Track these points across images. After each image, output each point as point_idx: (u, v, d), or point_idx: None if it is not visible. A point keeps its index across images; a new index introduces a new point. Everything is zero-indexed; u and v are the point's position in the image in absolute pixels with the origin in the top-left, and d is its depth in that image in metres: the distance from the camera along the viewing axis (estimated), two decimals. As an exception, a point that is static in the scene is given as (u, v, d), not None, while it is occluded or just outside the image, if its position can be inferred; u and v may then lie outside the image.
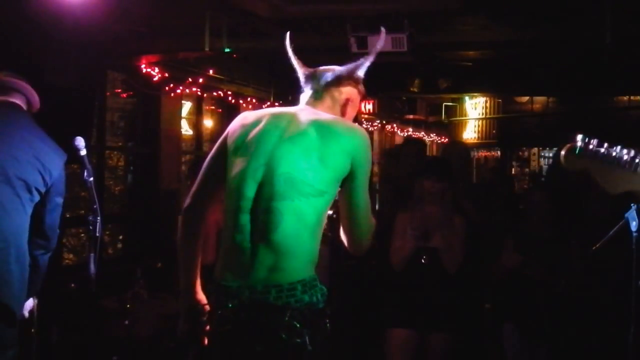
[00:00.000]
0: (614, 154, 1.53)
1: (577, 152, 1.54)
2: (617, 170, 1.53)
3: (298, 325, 2.02)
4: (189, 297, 2.33)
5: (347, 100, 2.36)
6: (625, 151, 1.54)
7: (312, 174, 2.09)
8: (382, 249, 4.03)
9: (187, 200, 2.34)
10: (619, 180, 1.54)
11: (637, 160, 1.53)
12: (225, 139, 2.29)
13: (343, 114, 2.34)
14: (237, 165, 2.19)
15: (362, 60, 2.39)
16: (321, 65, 2.42)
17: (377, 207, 6.84)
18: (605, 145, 1.54)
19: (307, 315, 2.05)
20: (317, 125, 2.17)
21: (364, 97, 2.50)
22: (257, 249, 2.08)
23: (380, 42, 2.50)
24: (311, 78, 2.37)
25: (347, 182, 2.17)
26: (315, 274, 2.13)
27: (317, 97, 2.34)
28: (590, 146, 1.54)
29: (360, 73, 2.40)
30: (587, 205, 4.26)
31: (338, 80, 2.35)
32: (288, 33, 2.46)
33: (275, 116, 2.25)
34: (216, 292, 2.17)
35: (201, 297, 2.33)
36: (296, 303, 2.04)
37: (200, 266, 2.35)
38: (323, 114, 2.25)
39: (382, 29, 2.62)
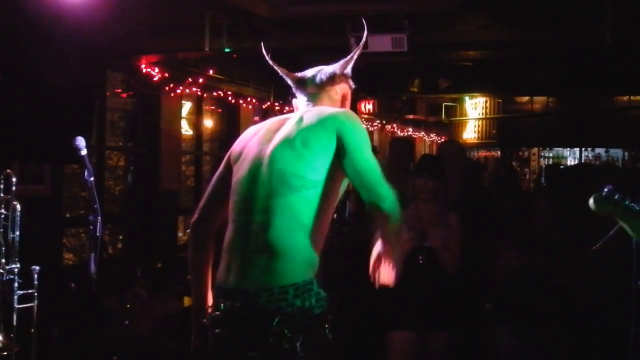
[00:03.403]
0: (636, 206, 1.85)
1: (602, 199, 1.89)
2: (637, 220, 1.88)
3: (286, 331, 1.95)
4: (200, 313, 2.26)
5: (343, 97, 2.38)
6: None
7: (300, 163, 2.07)
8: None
9: (195, 215, 2.34)
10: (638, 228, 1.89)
11: None
12: (230, 153, 2.32)
13: None
14: (238, 171, 2.21)
15: (349, 55, 2.40)
16: (317, 65, 2.42)
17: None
18: (629, 198, 1.86)
19: (299, 321, 1.98)
20: (302, 117, 2.20)
21: (352, 90, 2.48)
22: (251, 250, 2.05)
23: (364, 38, 2.59)
24: (303, 83, 2.37)
25: (342, 157, 2.09)
26: (314, 278, 2.06)
27: (313, 99, 2.34)
28: (616, 196, 1.86)
29: (349, 69, 2.40)
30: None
31: (332, 80, 2.35)
32: (262, 43, 2.47)
33: (271, 122, 2.29)
34: (215, 293, 2.16)
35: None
36: (287, 307, 1.97)
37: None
38: (312, 108, 2.27)
39: (364, 24, 2.67)
